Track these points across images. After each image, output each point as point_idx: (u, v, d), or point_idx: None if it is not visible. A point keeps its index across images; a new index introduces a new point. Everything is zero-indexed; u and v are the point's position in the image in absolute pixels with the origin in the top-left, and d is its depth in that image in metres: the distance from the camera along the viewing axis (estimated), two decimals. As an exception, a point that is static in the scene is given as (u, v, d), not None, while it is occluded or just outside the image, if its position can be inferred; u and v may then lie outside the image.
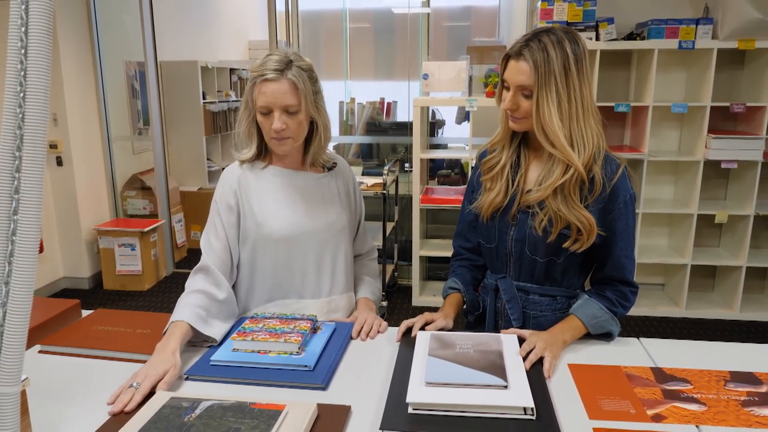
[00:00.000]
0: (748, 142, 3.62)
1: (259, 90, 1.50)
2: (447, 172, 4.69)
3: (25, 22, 0.72)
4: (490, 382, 1.18)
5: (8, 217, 0.74)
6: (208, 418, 1.07)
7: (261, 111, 1.52)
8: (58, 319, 1.58)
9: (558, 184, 1.41)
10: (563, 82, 1.36)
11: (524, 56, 1.38)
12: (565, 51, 1.36)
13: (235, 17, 7.09)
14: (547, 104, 1.37)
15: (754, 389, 1.23)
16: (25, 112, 0.73)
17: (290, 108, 1.50)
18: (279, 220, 1.59)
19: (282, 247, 1.60)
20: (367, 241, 1.87)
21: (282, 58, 1.50)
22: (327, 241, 1.64)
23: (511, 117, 1.46)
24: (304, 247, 1.61)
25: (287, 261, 1.61)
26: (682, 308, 3.96)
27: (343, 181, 1.73)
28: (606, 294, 1.49)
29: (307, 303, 1.63)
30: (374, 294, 1.79)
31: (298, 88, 1.49)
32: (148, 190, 5.05)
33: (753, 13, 3.41)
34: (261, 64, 1.51)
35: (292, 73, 1.49)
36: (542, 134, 1.40)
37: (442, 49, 6.35)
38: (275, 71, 1.48)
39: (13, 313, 0.76)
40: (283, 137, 1.53)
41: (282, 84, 1.48)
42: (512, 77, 1.41)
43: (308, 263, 1.62)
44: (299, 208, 1.61)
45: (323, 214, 1.64)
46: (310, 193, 1.64)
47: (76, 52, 4.40)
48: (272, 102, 1.49)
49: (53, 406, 1.19)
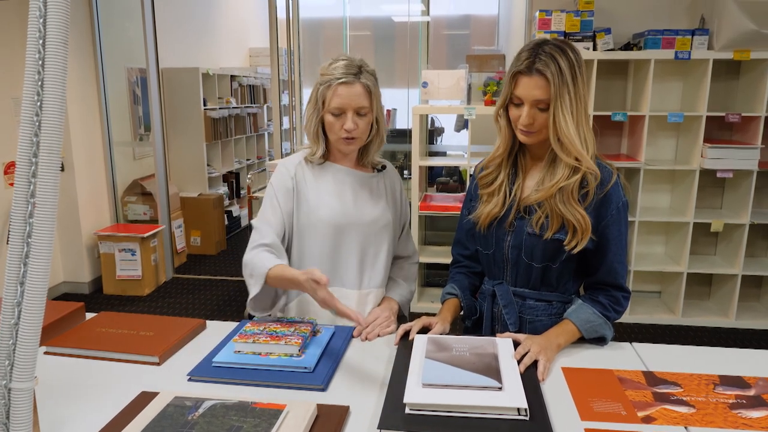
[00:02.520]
0: (744, 152, 3.66)
1: (334, 92, 1.58)
2: (446, 180, 4.73)
3: (43, 35, 0.76)
4: (485, 383, 1.21)
5: (24, 220, 0.78)
6: (211, 417, 1.10)
7: (333, 112, 1.60)
8: (63, 321, 1.61)
9: (563, 184, 1.45)
10: (574, 90, 1.41)
11: (539, 71, 1.40)
12: (570, 59, 1.41)
13: (236, 24, 7.16)
14: (563, 114, 1.40)
15: (743, 392, 1.26)
16: (41, 120, 0.77)
17: (362, 110, 1.60)
18: (329, 208, 1.67)
19: (329, 235, 1.67)
20: (409, 245, 1.90)
21: (353, 63, 1.60)
22: (372, 234, 1.70)
23: (524, 132, 1.47)
24: (350, 236, 1.68)
25: (333, 248, 1.68)
26: (678, 316, 3.99)
27: (390, 183, 1.80)
28: (599, 299, 1.53)
29: (346, 292, 1.69)
30: (402, 296, 1.79)
31: (371, 91, 1.61)
32: (148, 195, 5.08)
33: (748, 25, 3.46)
34: (333, 68, 1.59)
35: (365, 77, 1.60)
36: (557, 143, 1.44)
37: (441, 57, 6.41)
38: (351, 75, 1.58)
39: (28, 312, 0.79)
40: (353, 137, 1.62)
41: (356, 87, 1.58)
42: (527, 93, 1.42)
43: (352, 253, 1.69)
44: (348, 200, 1.69)
45: (370, 209, 1.71)
46: (360, 188, 1.72)
47: (78, 58, 4.45)
48: (347, 104, 1.58)
49: (59, 405, 1.22)
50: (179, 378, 1.34)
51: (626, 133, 4.12)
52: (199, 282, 4.95)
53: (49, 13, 0.75)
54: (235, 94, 6.50)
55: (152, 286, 4.70)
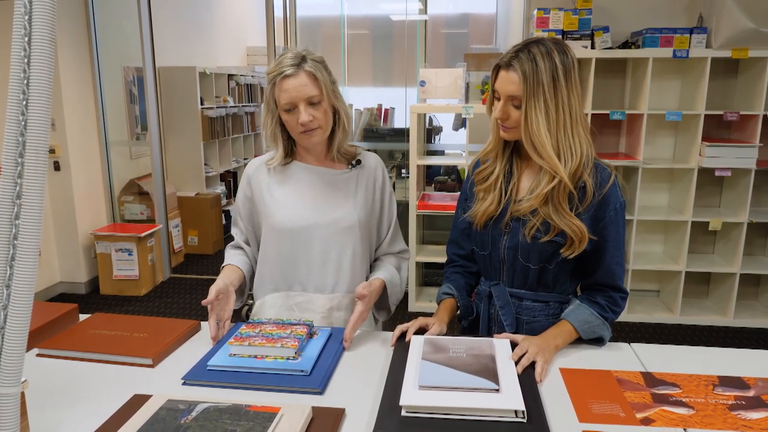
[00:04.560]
0: (742, 150, 3.65)
1: (280, 88, 1.54)
2: (444, 179, 4.72)
3: (29, 32, 0.74)
4: (482, 385, 1.20)
5: (10, 222, 0.76)
6: (204, 421, 1.09)
7: (285, 108, 1.56)
8: (56, 323, 1.59)
9: (544, 192, 1.43)
10: (551, 93, 1.39)
11: (513, 66, 1.40)
12: (554, 61, 1.39)
13: (233, 23, 7.13)
14: (535, 114, 1.39)
15: (742, 393, 1.25)
16: (27, 119, 0.75)
17: (313, 99, 1.55)
18: (285, 212, 1.64)
19: (286, 239, 1.65)
20: (398, 242, 1.82)
21: (295, 55, 1.56)
22: (331, 236, 1.65)
23: (502, 126, 1.48)
24: (308, 240, 1.65)
25: (291, 252, 1.66)
26: (677, 315, 3.99)
27: (368, 179, 1.72)
28: (597, 300, 1.51)
29: (311, 296, 1.67)
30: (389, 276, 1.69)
31: (318, 78, 1.55)
32: (145, 195, 5.07)
33: (746, 23, 3.45)
34: (276, 64, 1.57)
35: (308, 65, 1.55)
36: (530, 144, 1.43)
37: (439, 56, 6.39)
38: (292, 66, 1.54)
39: (14, 316, 0.78)
40: (311, 128, 1.58)
41: (301, 77, 1.54)
42: (502, 87, 1.44)
43: (312, 257, 1.66)
44: (308, 201, 1.66)
45: (331, 209, 1.66)
46: (324, 187, 1.67)
47: (74, 57, 4.42)
48: (295, 96, 1.54)
49: (51, 409, 1.20)
50: (173, 380, 1.33)
51: (624, 131, 4.11)
52: (197, 282, 4.93)
53: (35, 9, 0.73)
54: (232, 93, 6.48)
55: (149, 286, 4.68)
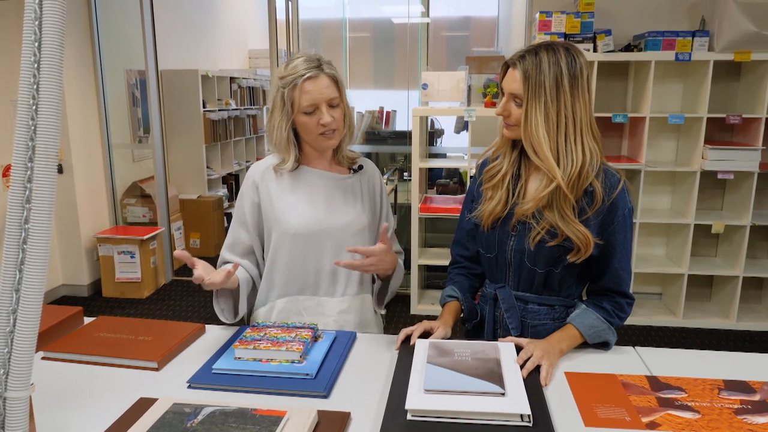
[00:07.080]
0: (745, 153, 3.65)
1: (302, 90, 1.53)
2: (446, 182, 4.72)
3: (39, 37, 0.74)
4: (487, 389, 1.20)
5: (20, 226, 0.77)
6: (210, 424, 1.09)
7: (306, 110, 1.55)
8: (61, 326, 1.60)
9: (542, 194, 1.43)
10: (553, 96, 1.39)
11: (518, 66, 1.42)
12: (560, 66, 1.39)
13: (235, 26, 7.15)
14: (535, 115, 1.40)
15: (748, 397, 1.25)
16: (37, 124, 0.76)
17: (333, 101, 1.56)
18: (296, 216, 1.63)
19: (299, 243, 1.63)
20: (396, 245, 1.81)
21: (311, 57, 1.56)
22: (344, 240, 1.65)
23: (505, 123, 1.50)
24: (321, 244, 1.64)
25: (303, 257, 1.65)
26: (680, 318, 3.98)
27: (368, 184, 1.75)
28: (603, 305, 1.51)
29: (321, 300, 1.67)
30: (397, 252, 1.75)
31: (338, 80, 1.57)
32: (147, 197, 5.07)
33: (749, 26, 3.45)
34: (292, 67, 1.55)
35: (327, 68, 1.56)
36: (528, 143, 1.44)
37: (441, 59, 6.39)
38: (313, 69, 1.53)
39: (23, 320, 0.78)
40: (332, 129, 1.58)
41: (323, 80, 1.54)
42: (506, 84, 1.47)
43: (324, 261, 1.65)
44: (319, 205, 1.65)
45: (342, 214, 1.66)
46: (334, 191, 1.67)
47: (77, 60, 4.44)
48: (318, 98, 1.54)
49: (57, 412, 1.20)
50: (178, 384, 1.33)
51: (627, 134, 4.11)
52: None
53: (45, 14, 0.74)
54: (234, 96, 6.49)
55: (151, 288, 4.69)
